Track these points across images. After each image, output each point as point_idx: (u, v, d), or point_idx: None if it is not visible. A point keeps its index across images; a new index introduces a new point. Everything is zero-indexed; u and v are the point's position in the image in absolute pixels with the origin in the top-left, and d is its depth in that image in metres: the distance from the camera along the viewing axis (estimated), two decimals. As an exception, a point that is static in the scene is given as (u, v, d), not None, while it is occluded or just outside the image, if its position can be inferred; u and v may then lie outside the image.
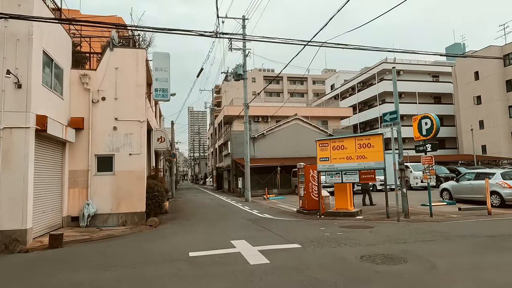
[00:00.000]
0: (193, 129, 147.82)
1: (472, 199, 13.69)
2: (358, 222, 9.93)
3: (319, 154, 12.57)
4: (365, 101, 46.10)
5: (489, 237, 6.88)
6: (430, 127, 10.97)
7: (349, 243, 6.45)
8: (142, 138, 11.72)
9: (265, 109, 35.02)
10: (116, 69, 11.64)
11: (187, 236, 8.65)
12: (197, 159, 76.02)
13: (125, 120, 11.54)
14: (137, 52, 12.03)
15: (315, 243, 6.60)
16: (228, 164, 31.77)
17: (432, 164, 10.98)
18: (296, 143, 28.75)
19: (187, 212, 15.14)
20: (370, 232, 7.72)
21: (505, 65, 34.64)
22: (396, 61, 45.12)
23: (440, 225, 8.74)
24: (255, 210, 14.65)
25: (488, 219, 10.03)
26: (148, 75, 13.33)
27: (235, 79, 21.84)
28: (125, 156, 11.43)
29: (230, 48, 21.42)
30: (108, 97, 11.50)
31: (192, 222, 11.66)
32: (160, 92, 11.94)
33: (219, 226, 10.23)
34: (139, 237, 8.92)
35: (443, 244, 6.27)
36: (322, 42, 9.33)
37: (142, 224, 11.24)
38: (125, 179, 11.33)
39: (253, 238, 7.41)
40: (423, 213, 11.67)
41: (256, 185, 24.48)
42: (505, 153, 33.62)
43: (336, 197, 12.62)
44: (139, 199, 11.42)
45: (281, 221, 10.78)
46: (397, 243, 6.34)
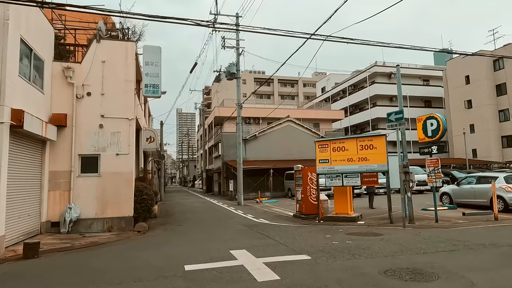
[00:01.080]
0: (182, 130, 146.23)
1: (474, 204, 13.29)
2: (363, 228, 9.33)
3: (318, 155, 11.95)
4: (356, 104, 45.94)
5: (510, 246, 6.34)
6: (436, 128, 10.48)
7: (364, 254, 5.79)
8: (130, 137, 10.89)
9: (256, 110, 34.42)
10: (103, 62, 10.79)
11: (181, 244, 7.84)
12: (185, 161, 74.78)
13: (113, 118, 10.70)
14: (126, 44, 11.21)
15: (326, 253, 5.92)
16: (218, 166, 30.95)
17: (438, 166, 10.48)
18: (289, 145, 28.19)
19: (178, 216, 14.29)
20: (382, 240, 7.10)
21: (495, 70, 34.91)
22: (387, 64, 45.19)
23: (452, 232, 8.20)
24: (249, 215, 13.93)
25: (496, 224, 9.56)
26: (138, 71, 12.51)
27: (228, 78, 21.12)
28: (111, 156, 10.57)
29: (223, 46, 20.71)
30: (94, 93, 10.63)
31: (184, 227, 10.85)
32: (150, 88, 11.14)
33: (214, 232, 9.45)
34: (127, 245, 8.09)
35: (466, 255, 5.69)
36: (326, 36, 8.73)
37: (129, 230, 10.38)
38: (111, 181, 10.47)
39: (255, 247, 6.69)
40: (426, 218, 11.17)
41: (248, 188, 23.76)
42: (495, 157, 33.79)
43: (335, 201, 12.02)
44: (126, 203, 10.57)
45: (279, 226, 10.09)
46: (417, 254, 5.73)
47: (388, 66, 44.15)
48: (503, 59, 34.06)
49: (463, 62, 37.26)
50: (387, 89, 41.99)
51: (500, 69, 34.35)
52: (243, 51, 20.63)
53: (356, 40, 8.92)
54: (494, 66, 35.08)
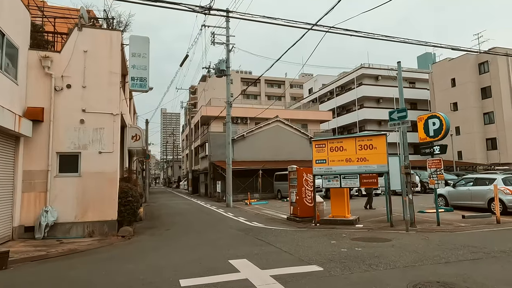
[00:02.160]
0: (166, 130, 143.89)
1: (471, 206, 13.04)
2: (366, 233, 8.81)
3: (315, 155, 11.38)
4: (343, 106, 45.92)
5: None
6: (439, 128, 10.06)
7: (381, 264, 5.21)
8: (115, 134, 10.03)
9: (244, 110, 33.78)
10: (85, 52, 9.91)
11: (171, 252, 7.04)
12: (170, 162, 73.30)
13: (95, 113, 9.82)
14: (111, 34, 10.34)
15: (338, 263, 5.31)
16: (205, 167, 30.10)
17: (440, 167, 10.08)
18: (277, 146, 27.66)
19: (165, 219, 13.45)
20: (393, 247, 6.56)
21: (480, 73, 35.42)
22: (374, 66, 45.35)
23: (460, 237, 7.76)
24: (241, 217, 13.23)
25: (500, 228, 9.23)
26: (123, 63, 11.64)
27: (217, 75, 20.38)
28: (94, 154, 9.69)
29: (212, 42, 19.97)
30: (75, 85, 9.73)
31: (173, 232, 10.05)
32: (137, 81, 10.31)
33: (207, 238, 8.69)
34: (110, 253, 7.26)
35: (492, 264, 5.19)
36: (329, 27, 8.17)
37: (113, 235, 9.52)
38: (93, 181, 9.59)
39: (256, 256, 6.00)
40: (426, 221, 10.78)
41: (237, 189, 23.04)
42: (480, 159, 34.24)
43: (332, 203, 11.50)
44: (110, 205, 9.70)
45: (276, 231, 9.43)
46: (439, 264, 5.19)
47: (375, 68, 44.32)
48: (487, 63, 34.64)
49: (449, 65, 37.72)
50: (374, 91, 42.13)
51: (485, 72, 34.87)
52: (233, 48, 19.96)
53: (359, 33, 8.39)
54: (479, 70, 35.60)
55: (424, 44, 10.12)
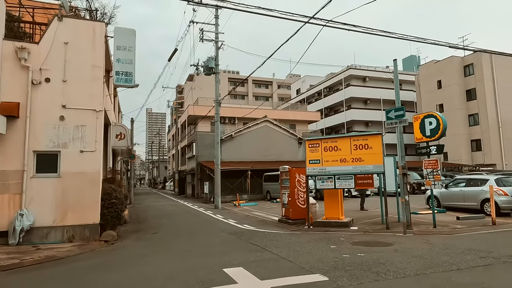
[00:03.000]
0: (152, 130, 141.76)
1: (463, 207, 12.93)
2: (364, 236, 8.47)
3: (308, 155, 11.01)
4: (331, 107, 45.96)
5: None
6: (436, 127, 9.85)
7: (389, 273, 4.82)
8: (97, 132, 9.40)
9: (232, 110, 33.29)
10: (66, 44, 9.25)
11: (159, 259, 6.48)
12: (155, 162, 71.96)
13: (76, 109, 9.17)
14: (94, 25, 9.70)
15: (343, 272, 4.90)
16: (192, 168, 29.43)
17: (437, 168, 9.85)
18: (266, 146, 27.28)
19: (151, 222, 12.81)
20: (396, 252, 6.21)
21: (466, 75, 35.93)
22: (362, 67, 45.56)
23: (461, 240, 7.51)
24: (231, 220, 12.74)
25: (497, 230, 9.06)
26: (107, 58, 11.00)
27: (206, 73, 19.83)
28: (75, 153, 9.04)
29: (201, 38, 19.42)
30: (54, 79, 9.06)
31: (160, 236, 9.47)
32: (122, 76, 9.69)
33: (197, 242, 8.16)
34: (91, 260, 6.66)
35: (507, 271, 4.87)
36: (327, 20, 7.79)
37: (95, 239, 8.90)
38: (74, 182, 8.94)
39: (253, 264, 5.53)
40: (421, 222, 10.56)
41: (225, 191, 22.49)
42: (465, 160, 34.70)
43: (326, 205, 11.15)
44: (92, 208, 9.06)
45: (270, 234, 8.99)
46: (451, 271, 4.85)
47: (363, 69, 44.53)
48: (473, 66, 35.18)
49: (435, 67, 38.16)
50: (362, 92, 42.30)
51: (470, 74, 35.39)
52: (222, 45, 19.45)
53: (357, 27, 8.05)
54: (464, 72, 36.11)
55: (422, 41, 9.86)
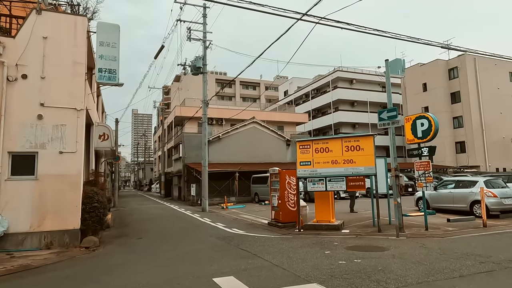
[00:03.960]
0: (138, 131, 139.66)
1: (453, 209, 12.91)
2: (357, 240, 8.24)
3: (299, 157, 10.76)
4: (318, 108, 46.03)
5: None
6: (428, 129, 9.74)
7: (390, 281, 4.55)
8: (78, 132, 8.91)
9: (219, 111, 32.89)
10: (45, 39, 8.74)
11: (144, 268, 6.02)
12: (141, 164, 70.69)
13: (56, 107, 8.67)
14: (76, 19, 9.22)
15: (341, 280, 4.61)
16: (179, 169, 28.86)
17: (429, 170, 9.74)
18: (254, 148, 27.00)
19: (136, 226, 12.30)
20: (394, 257, 5.97)
21: (450, 79, 36.53)
22: (349, 70, 45.83)
23: (457, 244, 7.35)
24: (219, 223, 12.36)
25: (489, 232, 9.00)
26: (90, 54, 10.49)
27: (193, 73, 19.40)
28: (53, 154, 8.52)
29: (188, 37, 18.99)
30: (32, 75, 8.54)
31: (145, 242, 9.01)
32: (106, 73, 9.22)
33: (184, 248, 7.75)
34: (69, 270, 6.19)
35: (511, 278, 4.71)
36: (320, 18, 7.56)
37: (75, 246, 8.40)
38: (53, 185, 8.42)
39: (245, 272, 5.19)
40: (412, 225, 10.44)
41: (212, 193, 22.08)
42: (450, 162, 35.22)
43: (316, 207, 10.92)
44: (71, 212, 8.56)
45: (260, 239, 8.66)
46: (454, 278, 4.64)
47: (350, 72, 44.78)
48: (457, 69, 35.80)
49: (420, 70, 38.68)
50: (349, 94, 42.51)
51: (455, 78, 35.99)
52: (210, 44, 19.07)
53: (351, 26, 7.83)
54: (449, 75, 36.71)
55: (414, 41, 9.74)
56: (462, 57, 34.98)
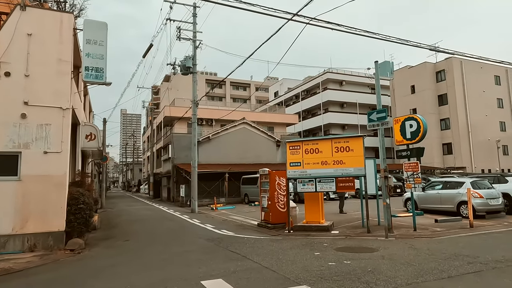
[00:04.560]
0: (126, 131, 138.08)
1: (440, 209, 13.06)
2: (347, 241, 8.24)
3: (289, 158, 10.73)
4: (308, 110, 46.23)
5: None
6: (416, 130, 9.82)
7: (379, 282, 4.53)
8: (64, 132, 8.70)
9: (209, 112, 32.71)
10: (30, 35, 8.51)
11: (130, 271, 5.87)
12: (129, 165, 69.83)
13: (40, 106, 8.44)
14: (62, 16, 9.01)
15: (331, 282, 4.57)
16: (168, 170, 28.57)
17: (417, 171, 9.81)
18: (244, 149, 26.92)
19: (123, 228, 12.07)
20: (383, 258, 5.97)
21: (437, 81, 37.11)
22: (339, 71, 46.17)
23: (445, 244, 7.41)
24: (208, 224, 12.24)
25: (477, 232, 9.12)
26: (76, 52, 10.27)
27: (183, 73, 19.21)
28: (38, 154, 8.29)
29: (178, 37, 18.80)
30: (16, 73, 8.30)
31: (132, 243, 8.84)
32: (92, 72, 9.02)
33: (172, 250, 7.62)
34: (53, 273, 6.01)
35: (499, 278, 4.72)
36: (310, 18, 7.54)
37: (59, 248, 8.18)
38: (36, 186, 8.19)
39: (234, 275, 5.11)
40: (401, 226, 10.52)
41: (202, 194, 21.90)
42: (437, 163, 35.76)
43: (306, 208, 10.91)
44: (56, 214, 8.34)
45: (249, 240, 8.58)
46: (443, 279, 4.64)
47: (340, 73, 45.12)
48: (444, 72, 36.40)
49: (409, 73, 39.22)
50: (339, 96, 42.82)
51: (442, 80, 36.58)
52: (200, 44, 18.93)
53: (341, 27, 7.84)
54: (436, 78, 37.29)
55: (404, 43, 9.81)
56: (449, 60, 35.60)
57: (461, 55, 10.72)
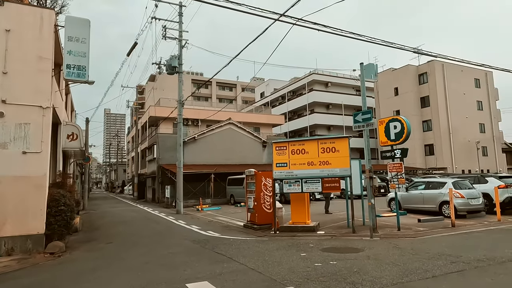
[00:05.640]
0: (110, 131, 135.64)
1: (423, 209, 13.31)
2: (332, 241, 8.27)
3: (275, 158, 10.71)
4: (294, 110, 46.46)
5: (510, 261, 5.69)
6: (400, 131, 9.97)
7: (365, 283, 4.54)
8: (44, 132, 8.43)
9: (195, 112, 32.43)
10: (8, 31, 8.22)
11: (112, 275, 5.72)
12: (113, 165, 68.59)
13: (19, 105, 8.16)
14: (42, 12, 8.73)
15: (317, 283, 4.55)
16: (153, 171, 28.18)
17: (401, 172, 9.96)
18: (230, 149, 26.83)
19: (106, 230, 11.80)
20: (368, 259, 6.00)
21: (420, 84, 37.90)
22: (325, 73, 46.60)
23: (428, 244, 7.53)
24: (194, 226, 12.10)
25: (459, 232, 9.31)
26: (58, 50, 9.98)
27: (169, 72, 18.97)
28: (16, 155, 8.01)
29: (164, 36, 18.56)
30: (-8, 70, 7.99)
31: (115, 246, 8.63)
32: (74, 70, 8.77)
33: (157, 253, 7.47)
34: (31, 278, 5.78)
35: (480, 277, 4.79)
36: (297, 19, 7.54)
37: (38, 252, 7.92)
38: (15, 187, 7.90)
39: (219, 277, 5.03)
40: (386, 225, 10.63)
41: (187, 195, 21.69)
42: (419, 164, 36.50)
43: (292, 209, 10.92)
44: (35, 216, 8.06)
45: (235, 241, 8.51)
46: (427, 278, 4.69)
47: (325, 75, 45.55)
48: (426, 74, 37.21)
49: (392, 75, 39.91)
50: (325, 97, 43.21)
51: (424, 83, 37.38)
52: (186, 43, 18.74)
53: (327, 28, 7.88)
54: (419, 80, 38.09)
55: (389, 45, 9.95)
56: (431, 63, 36.42)
57: (444, 57, 10.93)
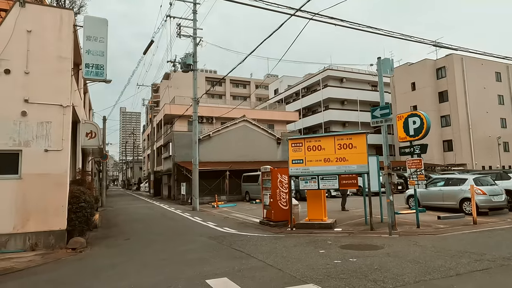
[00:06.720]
0: (126, 129, 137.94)
1: (443, 206, 13.01)
2: (351, 239, 8.18)
3: (291, 155, 10.65)
4: (309, 107, 46.09)
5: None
6: (420, 127, 9.75)
7: (387, 280, 4.47)
8: (64, 130, 8.62)
9: (209, 109, 32.61)
10: (29, 32, 8.41)
11: (131, 271, 5.79)
12: (130, 163, 69.75)
13: (41, 104, 8.35)
14: (61, 12, 8.90)
15: (338, 281, 4.51)
16: (168, 168, 28.52)
17: (421, 168, 9.75)
18: (244, 146, 26.84)
19: (123, 227, 12.01)
20: (389, 256, 5.91)
21: (438, 78, 36.99)
22: (339, 68, 46.00)
23: (450, 241, 7.36)
24: (210, 222, 12.18)
25: (479, 229, 9.07)
26: (76, 49, 10.17)
27: (184, 70, 19.10)
28: (38, 153, 8.21)
29: (178, 34, 18.67)
30: (15, 70, 8.20)
31: (133, 242, 8.77)
32: (93, 68, 8.92)
33: (174, 249, 7.55)
34: (55, 272, 5.93)
35: (508, 275, 4.67)
36: (313, 13, 7.45)
37: (61, 247, 8.12)
38: (37, 185, 8.11)
39: (239, 273, 5.04)
40: (404, 223, 10.46)
41: (203, 192, 21.85)
42: (437, 160, 35.69)
43: (309, 206, 10.84)
44: (57, 213, 8.26)
45: (252, 238, 8.52)
46: (451, 277, 4.58)
47: (340, 70, 44.95)
48: (445, 68, 36.27)
49: (409, 70, 39.09)
50: (340, 93, 42.68)
51: (442, 77, 36.45)
52: (201, 41, 18.80)
53: (344, 23, 7.75)
54: (436, 75, 37.17)
55: (408, 39, 9.73)
56: (450, 57, 35.47)
57: (464, 50, 10.62)
